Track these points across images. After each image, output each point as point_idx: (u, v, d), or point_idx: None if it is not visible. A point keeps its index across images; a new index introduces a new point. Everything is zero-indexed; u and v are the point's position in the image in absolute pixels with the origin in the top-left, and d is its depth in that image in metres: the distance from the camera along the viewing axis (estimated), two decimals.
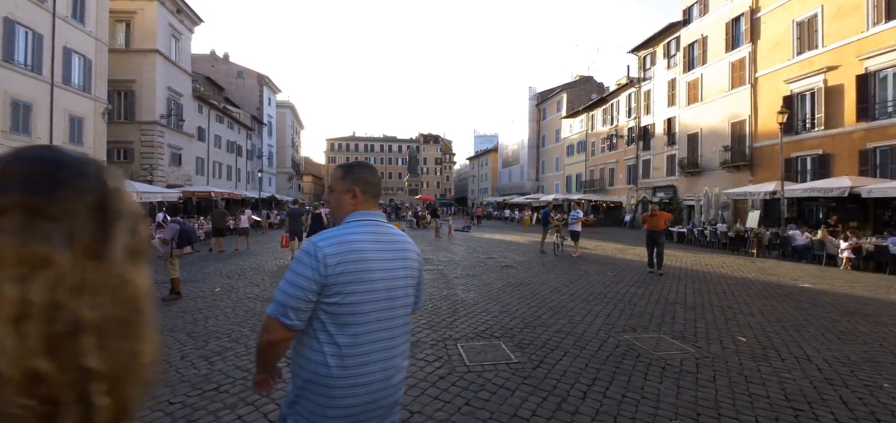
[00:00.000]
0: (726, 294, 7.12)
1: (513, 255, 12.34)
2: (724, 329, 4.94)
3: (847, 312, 6.08)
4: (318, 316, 1.27)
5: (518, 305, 5.90)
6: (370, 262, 1.30)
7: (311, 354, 1.27)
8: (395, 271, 1.36)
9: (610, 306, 5.97)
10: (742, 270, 10.32)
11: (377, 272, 1.31)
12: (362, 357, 1.27)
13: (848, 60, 17.48)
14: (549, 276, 8.61)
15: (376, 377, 1.29)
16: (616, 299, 6.46)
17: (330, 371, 1.24)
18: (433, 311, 5.51)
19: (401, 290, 1.38)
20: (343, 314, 1.26)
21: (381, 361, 1.30)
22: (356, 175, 1.45)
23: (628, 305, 6.04)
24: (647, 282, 8.01)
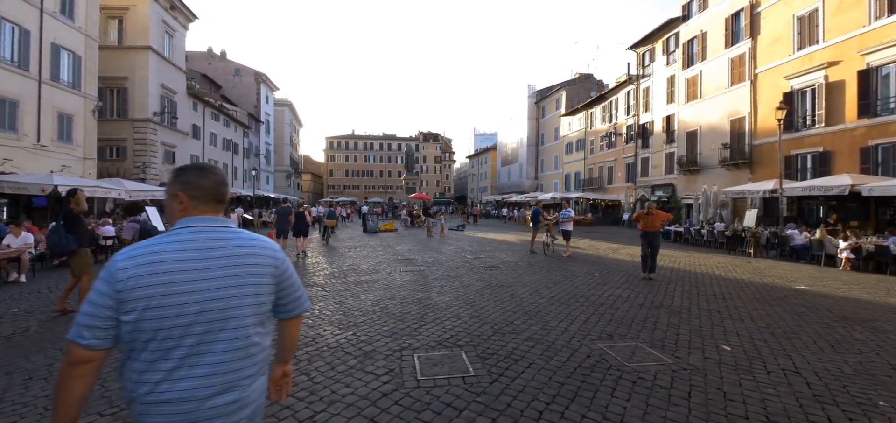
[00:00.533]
0: (717, 297, 6.78)
1: (502, 255, 12.01)
2: (708, 337, 4.61)
3: (843, 317, 5.74)
4: (123, 336, 1.17)
5: (492, 309, 5.58)
6: (178, 274, 1.19)
7: (127, 374, 1.20)
8: (222, 283, 1.23)
9: (590, 309, 5.64)
10: (737, 270, 9.97)
11: (189, 286, 1.19)
12: (173, 380, 1.16)
13: (849, 56, 17.07)
14: (534, 277, 8.28)
15: (190, 403, 1.17)
16: (598, 302, 6.13)
17: (139, 392, 1.16)
18: (400, 316, 5.19)
19: (231, 304, 1.24)
20: (144, 332, 1.16)
21: (198, 386, 1.18)
22: (183, 179, 1.32)
23: (610, 309, 5.71)
24: (635, 284, 7.67)
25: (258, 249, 1.33)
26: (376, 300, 6.08)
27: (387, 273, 8.53)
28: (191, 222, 1.27)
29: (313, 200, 66.05)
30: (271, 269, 1.33)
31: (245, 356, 1.26)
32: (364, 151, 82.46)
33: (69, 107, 21.07)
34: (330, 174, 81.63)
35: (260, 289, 1.30)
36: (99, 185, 18.25)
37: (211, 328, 1.20)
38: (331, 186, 79.66)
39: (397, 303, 5.90)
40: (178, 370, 1.17)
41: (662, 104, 29.43)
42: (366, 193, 76.47)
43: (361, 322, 4.91)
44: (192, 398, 1.17)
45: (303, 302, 1.47)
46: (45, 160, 19.57)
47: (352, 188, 79.41)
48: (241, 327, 1.25)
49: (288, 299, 1.41)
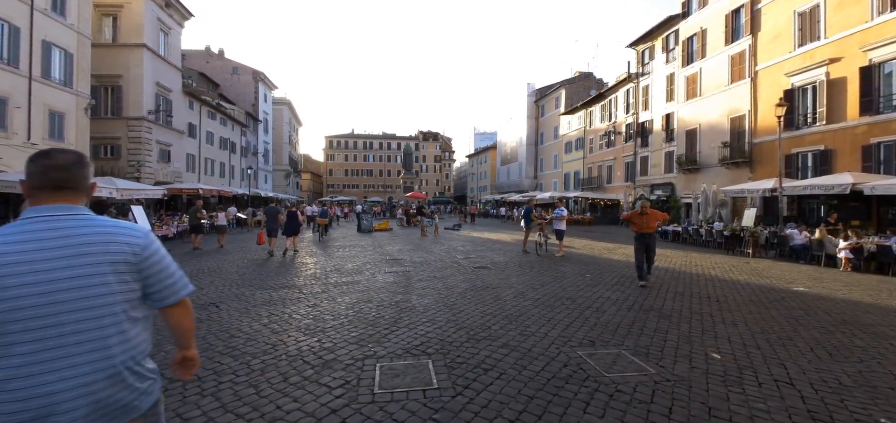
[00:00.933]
0: (710, 300, 6.49)
1: (493, 255, 11.73)
2: (698, 343, 4.32)
3: (843, 321, 5.44)
4: None
5: (471, 313, 5.30)
6: (8, 267, 1.14)
7: None
8: (59, 274, 1.18)
9: (574, 313, 5.35)
10: (734, 271, 9.67)
11: (19, 279, 1.14)
12: (20, 377, 1.13)
13: (851, 52, 16.74)
14: (522, 278, 8.00)
15: (30, 403, 1.13)
16: (585, 305, 5.84)
17: None
18: (373, 321, 4.91)
19: (74, 296, 1.19)
20: None
21: (36, 385, 1.13)
22: (27, 168, 1.29)
23: (596, 313, 5.42)
24: (626, 286, 7.38)
25: (111, 236, 1.27)
26: (352, 303, 5.81)
27: (371, 275, 8.26)
28: (31, 213, 1.24)
29: (312, 200, 65.85)
30: (127, 256, 1.28)
31: (101, 348, 1.21)
32: (363, 151, 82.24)
33: (61, 105, 20.87)
34: (329, 173, 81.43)
35: (111, 278, 1.24)
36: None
37: (53, 322, 1.16)
38: (330, 186, 79.46)
39: (373, 306, 5.63)
40: (22, 366, 1.13)
41: (662, 102, 29.09)
42: (365, 192, 76.30)
43: (330, 328, 4.64)
44: (38, 395, 1.13)
45: (179, 288, 1.40)
46: None
47: (351, 187, 79.18)
48: (92, 318, 1.21)
49: (158, 287, 1.35)
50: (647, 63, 30.88)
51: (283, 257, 11.08)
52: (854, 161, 16.63)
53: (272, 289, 6.82)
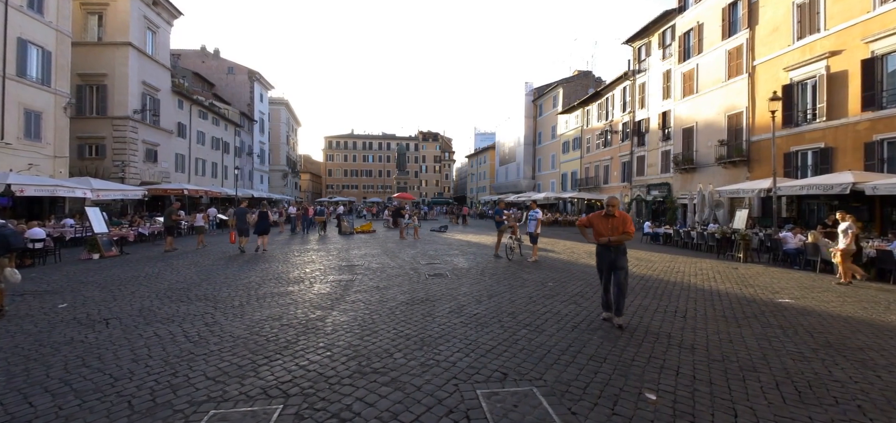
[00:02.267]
0: (676, 314, 5.73)
1: (462, 260, 11.01)
2: (636, 377, 3.58)
3: (826, 344, 4.66)
4: None
5: (385, 334, 4.58)
6: None
7: None
8: None
9: (506, 334, 4.62)
10: (717, 279, 8.87)
11: None
12: None
13: (852, 44, 15.83)
14: (473, 288, 7.28)
15: None
16: (525, 322, 5.11)
17: None
18: (259, 347, 4.16)
19: None
20: None
21: None
22: None
23: (532, 332, 4.69)
24: (586, 298, 6.63)
25: None
26: (257, 321, 5.12)
27: (309, 284, 7.57)
28: None
29: (311, 200, 65.47)
30: None
31: None
32: (363, 151, 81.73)
33: (38, 104, 20.44)
34: (329, 174, 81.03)
35: None
36: (61, 184, 17.56)
37: None
38: (329, 186, 79.04)
39: (278, 325, 4.93)
40: None
41: (658, 100, 28.19)
42: (365, 192, 75.82)
43: (202, 355, 3.93)
44: None
45: None
46: (9, 159, 18.93)
47: (350, 188, 78.71)
48: None
49: None
50: (644, 60, 29.98)
51: (256, 253, 12.12)
52: (856, 159, 15.72)
53: (189, 302, 6.16)
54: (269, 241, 14.82)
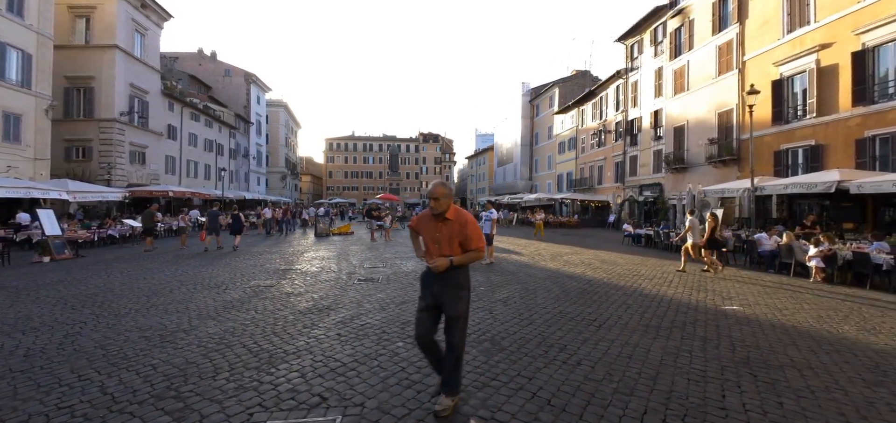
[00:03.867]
0: (591, 324, 5.18)
1: (412, 263, 10.52)
2: (476, 403, 3.06)
3: (744, 359, 4.10)
4: None
5: (234, 351, 4.10)
6: None
7: None
8: None
9: (379, 347, 4.11)
10: (673, 283, 8.26)
11: None
12: None
13: (843, 36, 15.08)
14: (392, 294, 6.79)
15: None
16: (411, 333, 4.63)
17: None
18: (100, 360, 3.76)
19: None
20: None
21: None
22: None
23: (410, 344, 4.20)
24: (505, 305, 6.10)
25: None
26: (120, 333, 4.70)
27: (222, 290, 7.15)
28: None
29: (311, 201, 65.42)
30: None
31: None
32: (363, 153, 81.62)
33: (18, 106, 20.40)
34: (329, 175, 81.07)
35: None
36: (34, 186, 17.46)
37: None
38: (330, 188, 79.07)
39: (133, 337, 4.50)
40: None
41: (650, 98, 27.45)
42: (365, 194, 75.61)
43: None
44: None
45: None
46: None
47: (351, 190, 78.63)
48: None
49: None
50: (636, 57, 29.26)
51: (234, 250, 13.30)
52: (847, 157, 14.96)
53: (75, 309, 5.79)
54: (243, 241, 15.88)
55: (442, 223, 2.92)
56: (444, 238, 2.91)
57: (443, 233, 2.91)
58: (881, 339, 4.95)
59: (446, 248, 2.90)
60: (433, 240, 2.95)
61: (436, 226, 2.94)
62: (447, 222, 2.92)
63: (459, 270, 2.88)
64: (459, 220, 2.93)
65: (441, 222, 2.93)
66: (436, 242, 2.93)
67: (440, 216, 2.93)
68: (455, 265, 2.83)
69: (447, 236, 2.90)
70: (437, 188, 2.92)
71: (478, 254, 2.93)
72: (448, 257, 2.83)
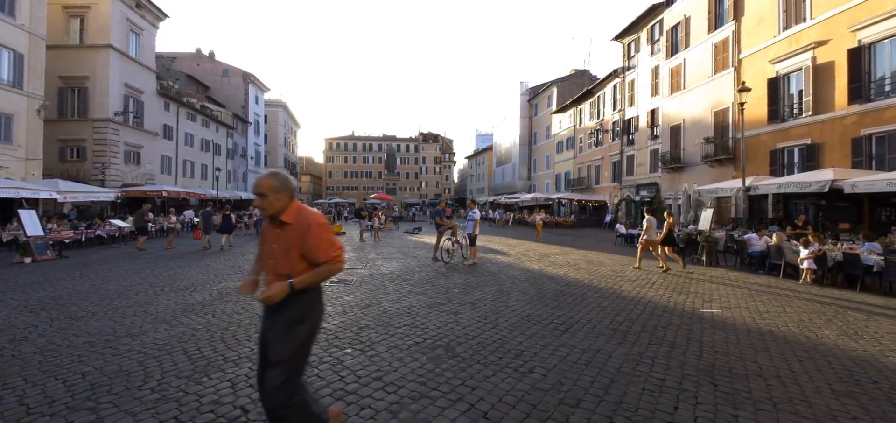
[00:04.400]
0: (558, 327, 4.98)
1: (394, 264, 10.32)
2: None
3: (709, 367, 3.90)
4: None
5: (158, 361, 3.96)
6: None
7: None
8: None
9: (313, 357, 3.95)
10: (655, 285, 8.04)
11: None
12: None
13: (839, 33, 14.81)
14: (360, 297, 6.61)
15: None
16: (352, 339, 4.44)
17: None
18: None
19: None
20: None
21: None
22: None
23: (362, 350, 4.01)
24: (473, 307, 5.91)
25: None
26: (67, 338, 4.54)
27: (187, 293, 6.99)
28: None
29: (311, 202, 65.41)
30: None
31: None
32: (363, 153, 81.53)
33: (9, 106, 20.35)
34: (329, 175, 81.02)
35: None
36: (24, 186, 17.38)
37: None
38: (329, 188, 79.02)
39: (63, 345, 4.33)
40: None
41: (647, 97, 27.18)
42: (365, 194, 75.46)
43: None
44: None
45: None
46: None
47: (350, 190, 78.52)
48: None
49: None
50: (633, 56, 28.99)
51: (221, 249, 13.85)
52: (843, 156, 14.69)
53: (31, 313, 5.64)
54: (235, 241, 16.27)
55: (279, 230, 2.19)
56: (281, 251, 2.15)
57: (279, 244, 2.17)
58: (861, 345, 4.74)
59: (283, 264, 2.13)
60: (268, 254, 2.22)
61: (273, 234, 2.22)
62: (284, 227, 2.17)
63: (302, 296, 2.13)
64: (301, 224, 2.15)
65: (278, 227, 2.19)
66: (271, 256, 2.20)
67: (275, 220, 2.20)
68: (296, 290, 2.08)
69: (284, 247, 2.14)
70: (263, 181, 2.17)
71: (331, 268, 2.16)
72: (286, 280, 2.07)
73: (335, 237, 2.23)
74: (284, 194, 2.18)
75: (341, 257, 2.23)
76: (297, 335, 2.12)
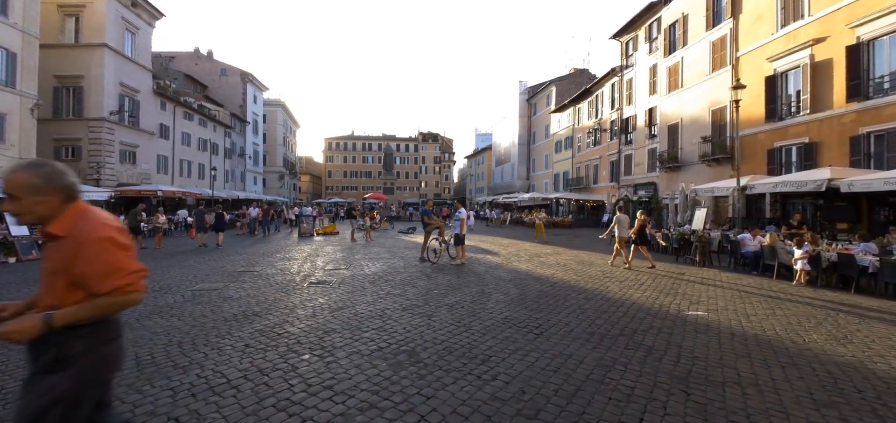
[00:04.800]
0: (532, 331, 4.78)
1: (378, 264, 10.13)
2: None
3: (684, 374, 3.70)
4: None
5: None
6: None
7: None
8: None
9: (250, 367, 3.77)
10: (643, 286, 7.83)
11: None
12: None
13: (837, 29, 14.56)
14: (335, 299, 6.42)
15: None
16: (312, 344, 4.25)
17: None
18: None
19: None
20: None
21: None
22: None
23: (321, 355, 3.82)
24: (450, 309, 5.72)
25: None
26: None
27: (158, 295, 6.83)
28: None
29: (310, 201, 65.22)
30: None
31: None
32: (362, 152, 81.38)
33: (2, 105, 20.28)
34: (328, 175, 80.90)
35: None
36: None
37: None
38: (329, 187, 78.90)
39: None
40: None
41: (645, 96, 26.93)
42: (364, 193, 75.36)
43: None
44: None
45: None
46: None
47: (350, 189, 78.36)
48: None
49: None
50: (632, 54, 28.74)
51: (217, 247, 14.26)
52: (841, 155, 14.44)
53: None
54: (226, 240, 16.44)
55: (52, 245, 1.65)
56: (47, 274, 1.64)
57: (47, 264, 1.65)
58: (849, 350, 4.53)
59: (47, 294, 1.63)
60: (42, 277, 1.67)
61: (47, 251, 1.69)
62: (56, 241, 1.63)
63: (67, 336, 1.57)
64: (75, 238, 1.59)
65: (51, 241, 1.65)
66: (42, 280, 1.67)
67: (48, 234, 1.64)
68: (56, 329, 1.53)
69: (51, 269, 1.63)
70: (13, 177, 1.58)
71: (115, 302, 1.59)
72: (47, 312, 1.54)
73: (129, 259, 1.63)
74: (49, 196, 1.59)
75: (135, 287, 1.62)
76: (47, 392, 1.52)
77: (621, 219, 10.75)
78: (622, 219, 10.73)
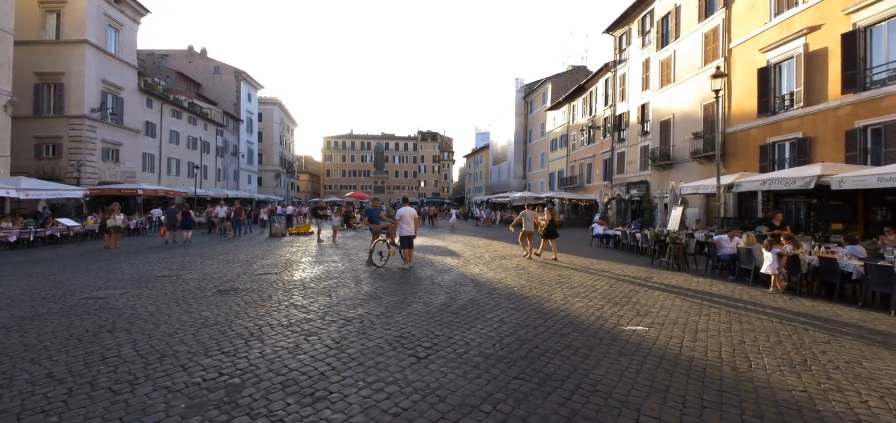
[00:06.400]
0: (414, 348, 3.99)
1: (316, 268, 9.39)
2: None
3: (568, 418, 2.90)
4: None
5: None
6: None
7: None
8: None
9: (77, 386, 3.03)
10: (581, 294, 6.99)
11: None
12: None
13: (833, 16, 13.58)
14: (235, 308, 5.71)
15: None
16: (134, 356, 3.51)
17: None
18: None
19: None
20: None
21: None
22: None
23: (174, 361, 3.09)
24: (333, 326, 4.96)
25: None
26: None
27: (52, 304, 6.15)
28: None
29: (308, 200, 64.84)
30: None
31: None
32: (361, 151, 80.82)
33: None
34: (327, 174, 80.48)
35: None
36: None
37: None
38: (327, 186, 78.47)
39: None
40: None
41: (638, 92, 25.94)
42: (363, 193, 74.80)
43: None
44: None
45: None
46: None
47: (349, 188, 77.86)
48: None
49: None
50: (625, 49, 27.74)
51: (184, 244, 14.59)
52: (836, 150, 13.46)
53: None
54: (196, 239, 16.72)
55: None
56: None
57: None
58: (802, 381, 3.69)
59: None
60: None
61: None
62: None
63: None
64: None
65: None
66: None
67: None
68: None
69: None
70: None
71: None
72: None
73: None
74: None
75: None
76: None
77: (527, 215, 11.83)
78: (528, 215, 11.81)
